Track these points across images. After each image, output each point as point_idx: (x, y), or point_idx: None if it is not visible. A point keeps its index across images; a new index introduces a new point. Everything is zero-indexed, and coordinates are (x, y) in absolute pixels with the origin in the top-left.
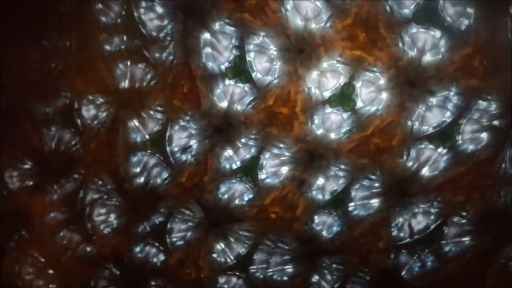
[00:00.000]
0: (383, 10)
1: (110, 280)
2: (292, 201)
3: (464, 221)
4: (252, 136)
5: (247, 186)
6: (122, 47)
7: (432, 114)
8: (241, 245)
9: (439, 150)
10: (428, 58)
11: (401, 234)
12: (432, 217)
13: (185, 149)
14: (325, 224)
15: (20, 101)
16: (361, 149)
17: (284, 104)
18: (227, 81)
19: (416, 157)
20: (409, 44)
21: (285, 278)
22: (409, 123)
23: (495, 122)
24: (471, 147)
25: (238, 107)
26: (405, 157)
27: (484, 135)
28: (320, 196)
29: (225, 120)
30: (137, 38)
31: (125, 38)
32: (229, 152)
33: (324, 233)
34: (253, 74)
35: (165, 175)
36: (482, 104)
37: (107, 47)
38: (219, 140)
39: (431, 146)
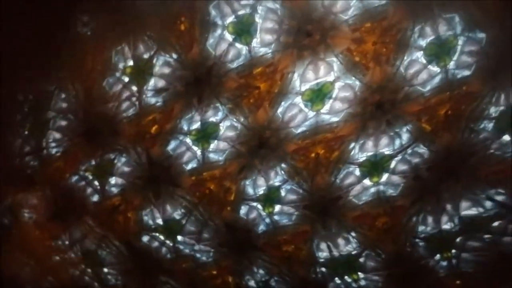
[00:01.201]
0: (405, 30)
1: (40, 200)
2: (228, 184)
3: (378, 258)
4: (225, 101)
5: (196, 153)
6: None
7: (373, 143)
8: (174, 210)
9: (364, 181)
10: (411, 89)
11: (320, 253)
12: (350, 245)
13: (160, 90)
14: (251, 219)
15: None
16: (304, 153)
17: (265, 80)
18: (224, 36)
19: (342, 180)
20: (404, 69)
21: (210, 259)
22: (353, 144)
23: (422, 172)
24: (390, 191)
25: (226, 66)
26: (333, 178)
27: (406, 182)
28: (251, 189)
29: (208, 74)
30: None
31: None
32: (196, 107)
33: (251, 226)
34: (254, 40)
35: (131, 112)
36: (422, 149)
37: None
38: (194, 92)
39: (358, 175)
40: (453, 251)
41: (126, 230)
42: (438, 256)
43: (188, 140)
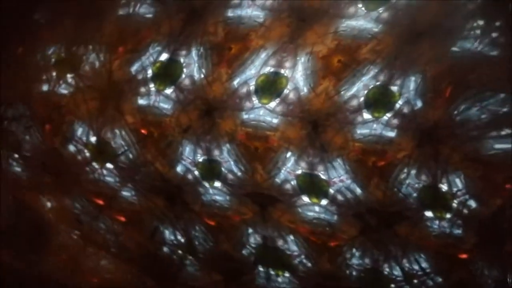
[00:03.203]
0: (370, 63)
1: None
2: (171, 137)
3: (311, 268)
4: (201, 49)
5: (150, 90)
6: None
7: (307, 161)
8: (112, 137)
9: (303, 197)
10: (343, 124)
11: (253, 239)
12: (287, 245)
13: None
14: (188, 179)
15: None
16: (245, 142)
17: (240, 43)
18: None
19: (280, 184)
20: (345, 100)
21: (135, 198)
22: (289, 153)
23: (362, 212)
24: (328, 217)
25: (224, 10)
26: (270, 179)
27: (345, 214)
28: (192, 153)
29: (204, 8)
30: None
31: None
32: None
33: (187, 188)
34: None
35: (123, 12)
36: (358, 190)
37: None
38: (183, 19)
39: (294, 185)
40: None
41: (55, 131)
42: None
43: (149, 70)
